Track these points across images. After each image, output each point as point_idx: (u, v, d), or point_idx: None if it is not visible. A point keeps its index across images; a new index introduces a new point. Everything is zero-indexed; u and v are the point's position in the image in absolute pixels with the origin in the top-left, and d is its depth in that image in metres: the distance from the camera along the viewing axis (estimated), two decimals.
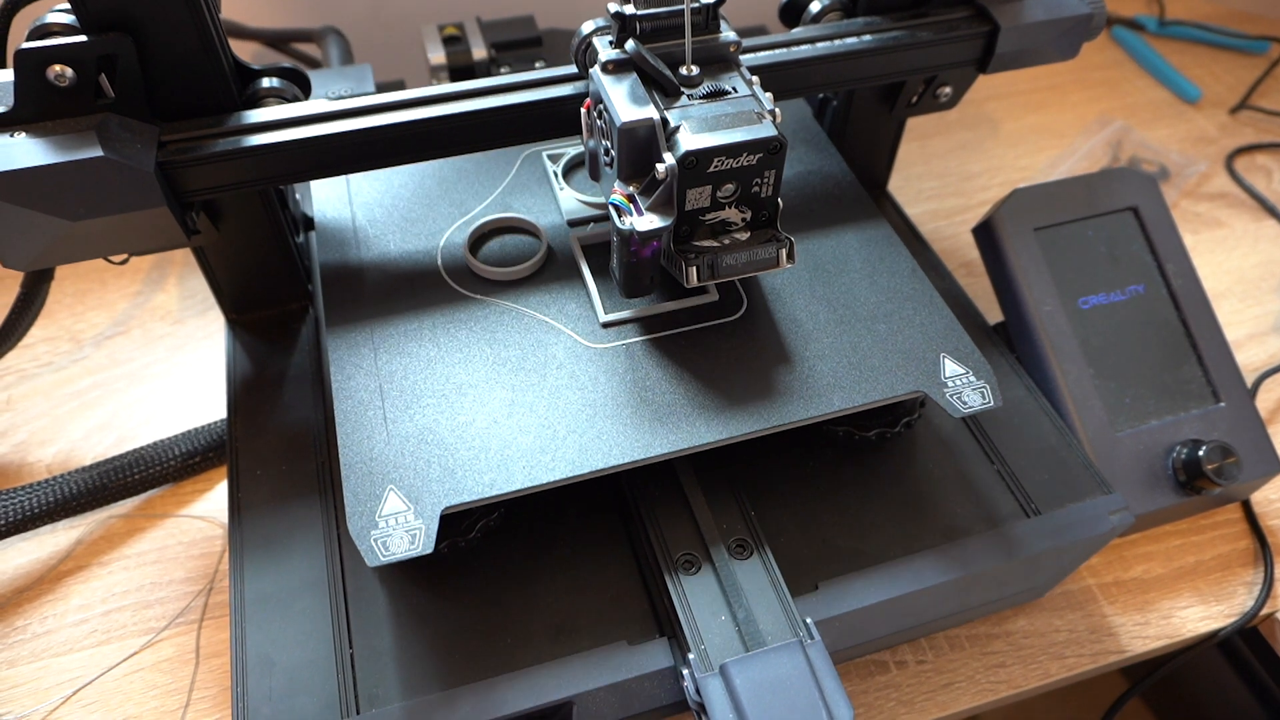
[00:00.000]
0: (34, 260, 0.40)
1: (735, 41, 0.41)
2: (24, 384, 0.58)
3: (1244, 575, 0.51)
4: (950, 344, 0.43)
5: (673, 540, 0.41)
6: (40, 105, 0.38)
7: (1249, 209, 0.72)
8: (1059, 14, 0.49)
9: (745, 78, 0.41)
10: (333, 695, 0.38)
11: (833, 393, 0.41)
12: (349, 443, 0.39)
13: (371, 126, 0.42)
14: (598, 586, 0.42)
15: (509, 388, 0.41)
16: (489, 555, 0.42)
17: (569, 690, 0.38)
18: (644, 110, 0.38)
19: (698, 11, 0.40)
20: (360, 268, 0.46)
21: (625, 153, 0.39)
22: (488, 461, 0.38)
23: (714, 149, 0.37)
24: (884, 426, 0.45)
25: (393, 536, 0.35)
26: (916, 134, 0.78)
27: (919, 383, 0.41)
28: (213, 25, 0.39)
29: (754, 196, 0.40)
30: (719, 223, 0.40)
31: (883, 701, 0.46)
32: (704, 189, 0.39)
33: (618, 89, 0.39)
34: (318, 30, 0.69)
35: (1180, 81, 0.82)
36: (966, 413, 0.40)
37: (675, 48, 0.40)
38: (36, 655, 0.46)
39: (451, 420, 0.40)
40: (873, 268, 0.46)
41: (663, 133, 0.38)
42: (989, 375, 0.42)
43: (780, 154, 0.38)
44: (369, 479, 0.37)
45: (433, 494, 0.37)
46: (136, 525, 0.51)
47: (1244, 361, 0.61)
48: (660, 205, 0.39)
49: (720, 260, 0.40)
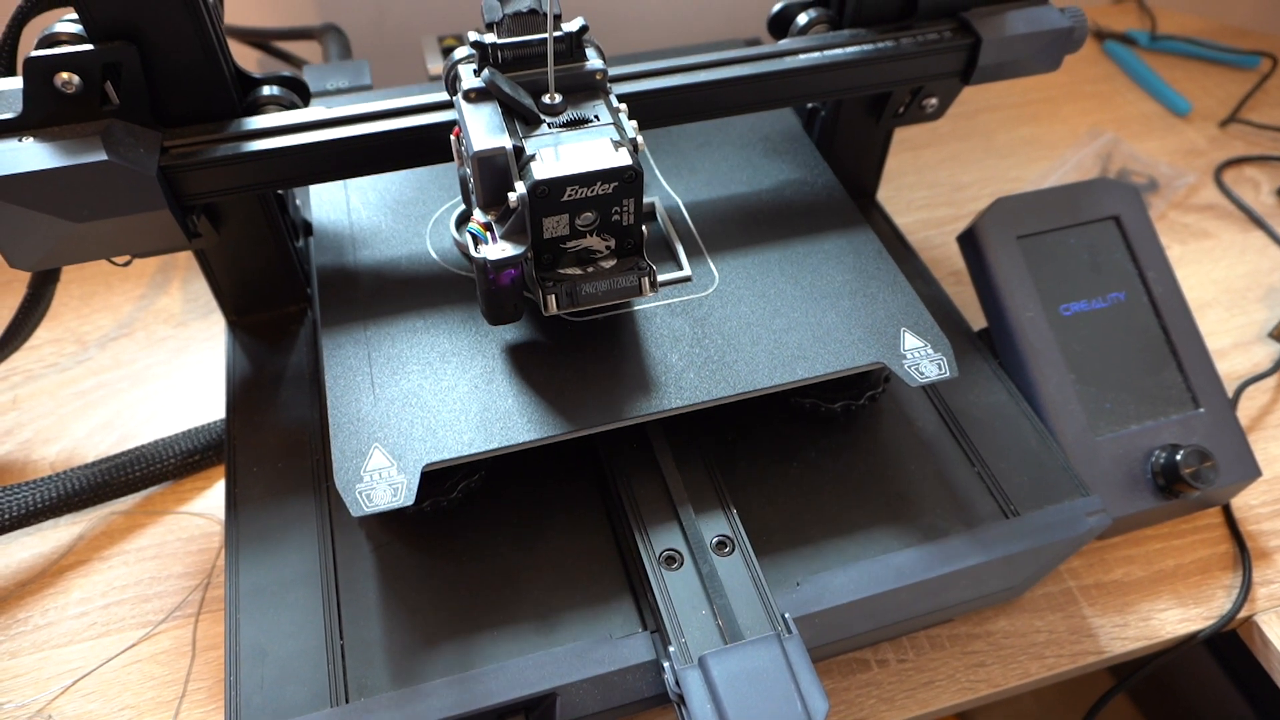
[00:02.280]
0: (40, 261, 0.41)
1: (601, 70, 0.41)
2: (30, 384, 0.60)
3: (1223, 579, 0.52)
4: (910, 319, 0.45)
5: (656, 535, 0.42)
6: (47, 111, 0.39)
7: (1236, 220, 0.73)
8: (1040, 27, 0.50)
9: (610, 106, 0.40)
10: (323, 684, 0.39)
11: (797, 363, 0.43)
12: (338, 404, 0.41)
13: (368, 133, 0.44)
14: (582, 581, 0.43)
15: (490, 356, 0.43)
16: (476, 551, 0.43)
17: (553, 682, 0.39)
18: (498, 139, 0.38)
19: (560, 40, 0.40)
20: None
21: (481, 181, 0.38)
22: (468, 423, 0.40)
23: (565, 179, 0.37)
24: (849, 399, 0.47)
25: (376, 489, 0.38)
26: (909, 145, 0.79)
27: (879, 354, 0.43)
28: (215, 35, 0.41)
29: (615, 224, 0.40)
30: (583, 250, 0.41)
31: (864, 699, 0.47)
32: (561, 218, 0.39)
33: (476, 117, 0.39)
34: (318, 28, 0.71)
35: (1171, 95, 0.83)
36: (923, 382, 0.42)
37: (540, 76, 0.40)
38: (38, 646, 0.47)
39: (435, 384, 0.42)
40: (840, 250, 0.49)
41: (515, 162, 0.38)
42: (946, 348, 0.44)
43: (637, 183, 0.38)
44: (355, 437, 0.40)
45: (415, 451, 0.39)
46: (136, 521, 0.53)
47: (1228, 370, 0.62)
48: (514, 234, 0.38)
49: (579, 288, 0.41)
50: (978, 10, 0.51)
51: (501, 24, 0.40)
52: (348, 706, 0.38)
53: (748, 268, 0.47)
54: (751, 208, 0.51)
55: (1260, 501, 0.55)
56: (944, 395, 0.50)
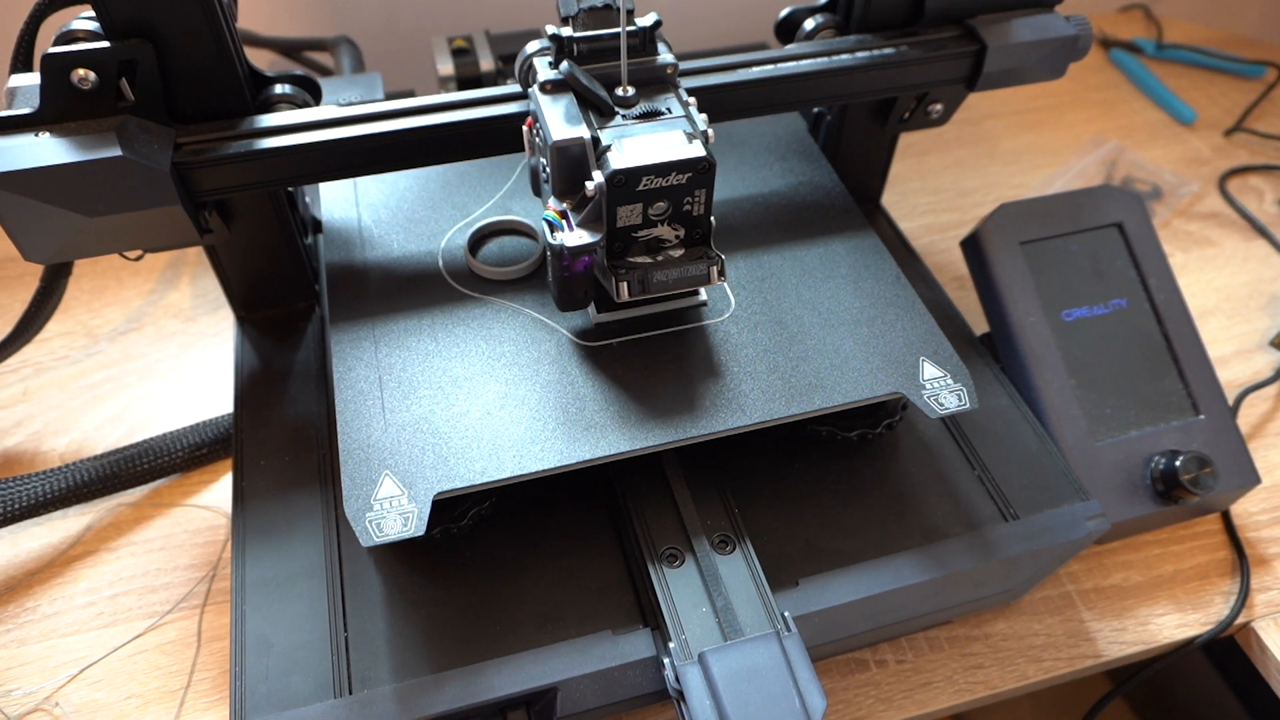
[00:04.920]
0: (53, 254, 0.41)
1: (672, 64, 0.42)
2: (40, 376, 0.60)
3: (1221, 585, 0.52)
4: (930, 348, 0.44)
5: (658, 533, 0.42)
6: (64, 107, 0.40)
7: (1240, 229, 0.73)
8: (1045, 35, 0.51)
9: (681, 99, 0.41)
10: (327, 676, 0.40)
11: (814, 392, 0.42)
12: (348, 430, 0.41)
13: (377, 132, 0.44)
14: (585, 578, 0.43)
15: (502, 381, 0.43)
16: (480, 546, 0.44)
17: (554, 676, 0.39)
18: (576, 129, 0.39)
19: (635, 34, 0.41)
20: (365, 268, 0.48)
21: (558, 170, 0.40)
22: (480, 450, 0.40)
23: (642, 168, 0.38)
24: (866, 427, 0.47)
25: (387, 519, 0.37)
26: (914, 150, 0.79)
27: (898, 384, 0.43)
28: (229, 34, 0.41)
29: (686, 214, 0.41)
30: (653, 240, 0.41)
31: (862, 698, 0.47)
32: (635, 207, 0.39)
33: (554, 108, 0.40)
34: (331, 40, 0.71)
35: (1176, 104, 0.83)
36: (943, 414, 0.42)
37: (613, 69, 0.41)
38: (45, 635, 0.48)
39: (446, 411, 0.41)
40: (858, 274, 0.48)
41: (593, 151, 0.39)
42: (966, 379, 0.43)
43: (709, 174, 0.39)
44: (366, 464, 0.39)
45: (426, 480, 0.39)
46: (144, 513, 0.53)
47: (1229, 377, 0.62)
48: (590, 222, 0.40)
49: (651, 276, 0.41)
50: (983, 17, 0.51)
51: (577, 18, 0.41)
52: (351, 698, 0.39)
53: (763, 291, 0.47)
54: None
55: (1259, 509, 0.55)
56: None
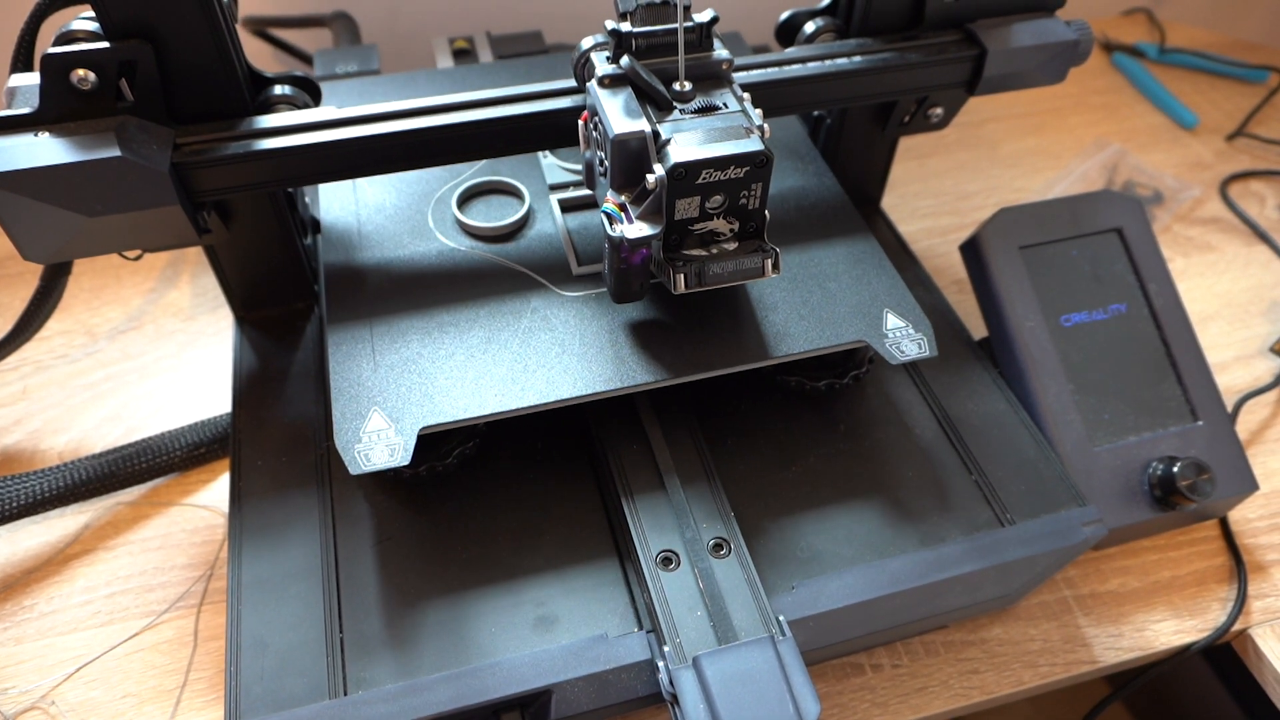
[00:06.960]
0: (53, 253, 0.42)
1: (728, 59, 0.43)
2: (40, 374, 0.60)
3: (1219, 591, 0.52)
4: (894, 300, 0.46)
5: (653, 536, 0.42)
6: (63, 107, 0.40)
7: (1241, 234, 0.73)
8: (1046, 39, 0.51)
9: (736, 94, 0.42)
10: (322, 676, 0.40)
11: (782, 340, 0.45)
12: (339, 370, 0.43)
13: (377, 134, 0.44)
14: (580, 581, 0.43)
15: (487, 327, 0.45)
16: (476, 548, 0.44)
17: (548, 679, 0.39)
18: (636, 123, 0.40)
19: (691, 30, 0.42)
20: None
21: (618, 163, 0.41)
22: (463, 389, 0.42)
23: (702, 161, 0.39)
24: (833, 378, 0.48)
25: (375, 449, 0.40)
26: (915, 153, 0.79)
27: (861, 333, 0.45)
28: (228, 34, 0.42)
29: (741, 208, 0.42)
30: (707, 233, 0.42)
31: (857, 703, 0.47)
32: (693, 200, 0.40)
33: (613, 102, 0.41)
34: (329, 15, 0.72)
35: (1178, 108, 0.83)
36: (903, 360, 0.44)
37: (669, 64, 0.42)
38: (42, 633, 0.48)
39: (433, 353, 0.44)
40: (830, 233, 0.50)
41: (654, 145, 0.40)
42: (927, 328, 0.45)
43: (767, 168, 0.40)
44: (356, 400, 0.41)
45: (412, 415, 0.41)
46: (142, 512, 0.53)
47: (1229, 383, 0.62)
48: (650, 214, 0.40)
49: (707, 268, 0.42)
50: (984, 22, 0.51)
51: (635, 13, 0.42)
52: (346, 699, 0.39)
53: None
54: None
55: (1257, 515, 0.55)
56: (943, 403, 0.51)
